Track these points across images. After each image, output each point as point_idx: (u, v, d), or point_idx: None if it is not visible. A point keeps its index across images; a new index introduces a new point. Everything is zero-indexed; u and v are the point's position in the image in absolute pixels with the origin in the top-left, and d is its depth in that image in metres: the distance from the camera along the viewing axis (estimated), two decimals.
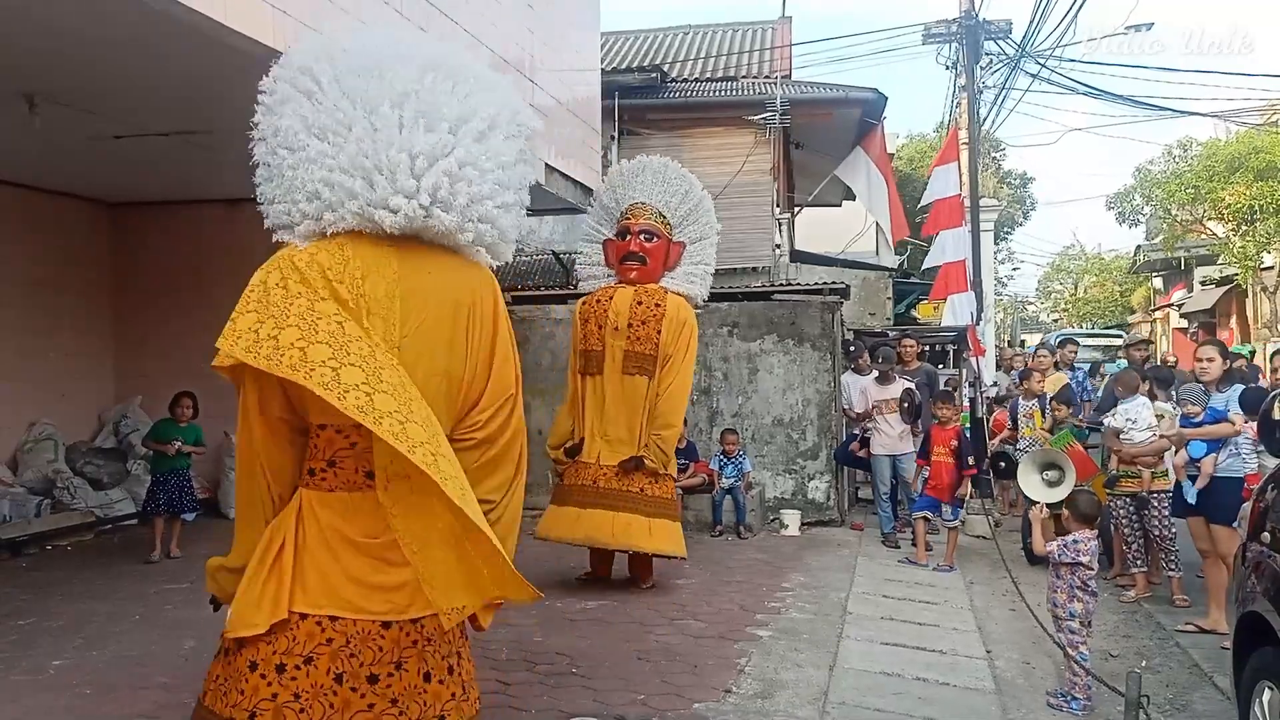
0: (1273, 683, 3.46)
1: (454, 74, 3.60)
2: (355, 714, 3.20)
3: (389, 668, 3.24)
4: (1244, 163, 20.89)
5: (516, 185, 3.71)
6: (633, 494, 6.87)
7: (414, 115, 3.47)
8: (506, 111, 3.70)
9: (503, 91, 3.75)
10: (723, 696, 4.84)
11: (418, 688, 3.29)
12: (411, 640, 3.28)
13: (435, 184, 3.42)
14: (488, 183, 3.53)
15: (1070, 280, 50.07)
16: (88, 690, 4.95)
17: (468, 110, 3.56)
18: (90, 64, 6.04)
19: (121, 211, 10.91)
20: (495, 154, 3.59)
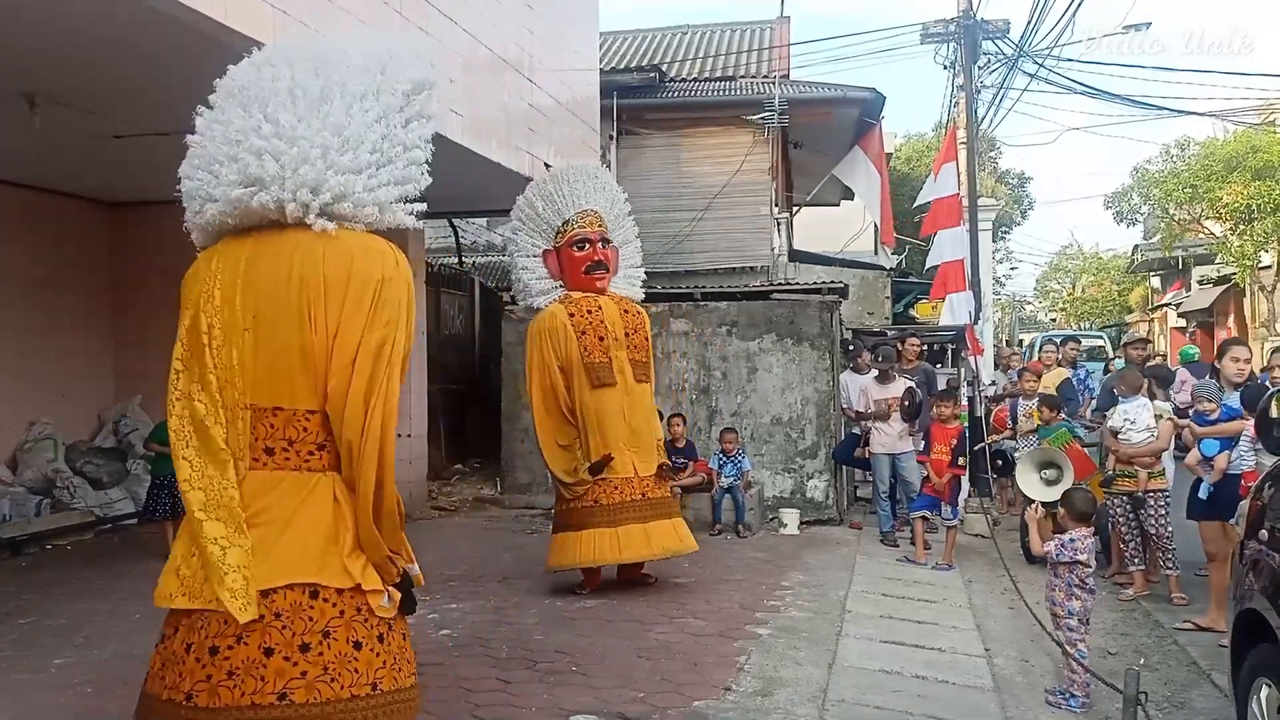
0: (1270, 680, 3.47)
1: (293, 60, 3.81)
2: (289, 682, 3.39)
3: (317, 637, 3.44)
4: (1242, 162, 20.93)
5: (374, 147, 3.73)
6: (656, 500, 6.92)
7: (238, 106, 3.75)
8: (363, 77, 3.80)
9: (367, 60, 3.86)
10: (722, 694, 4.85)
11: (348, 655, 3.46)
12: (338, 610, 3.47)
13: (244, 165, 3.62)
14: (307, 152, 3.59)
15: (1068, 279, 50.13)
16: (89, 689, 4.96)
17: (291, 87, 3.70)
18: (90, 64, 6.06)
19: (121, 211, 10.92)
20: (325, 123, 3.67)
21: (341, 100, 3.72)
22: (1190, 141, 24.65)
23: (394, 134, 3.82)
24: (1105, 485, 7.28)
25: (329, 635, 3.46)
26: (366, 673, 3.49)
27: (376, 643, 3.55)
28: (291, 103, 3.68)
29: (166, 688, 3.46)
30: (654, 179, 14.13)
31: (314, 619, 3.46)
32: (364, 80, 3.80)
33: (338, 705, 3.41)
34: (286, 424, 3.63)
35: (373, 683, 3.49)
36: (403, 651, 3.65)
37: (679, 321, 10.43)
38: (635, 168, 14.12)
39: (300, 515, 3.56)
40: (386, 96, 3.81)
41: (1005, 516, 10.25)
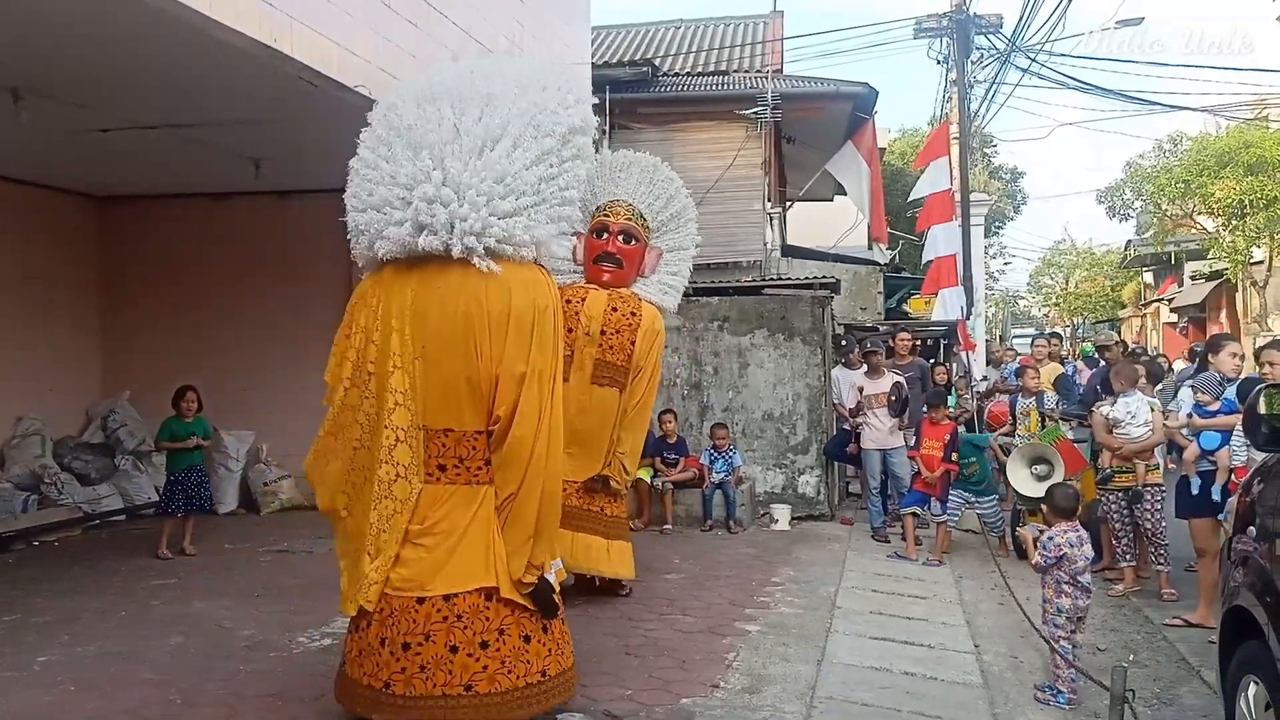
0: (1258, 676, 3.47)
1: (456, 98, 4.18)
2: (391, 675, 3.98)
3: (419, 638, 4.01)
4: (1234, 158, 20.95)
5: (532, 188, 4.13)
6: (593, 513, 6.51)
7: (404, 147, 4.14)
8: (520, 120, 4.18)
9: (523, 100, 4.21)
10: (710, 691, 4.84)
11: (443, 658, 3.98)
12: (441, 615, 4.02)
13: (415, 211, 4.03)
14: (474, 198, 4.00)
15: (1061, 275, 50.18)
16: (72, 686, 4.93)
17: (455, 131, 4.08)
18: (75, 57, 6.00)
19: (109, 205, 10.86)
20: (488, 168, 4.07)
21: (504, 144, 4.11)
22: (1183, 137, 24.66)
23: (551, 174, 4.21)
24: (1103, 483, 7.25)
25: (504, 632, 4.04)
26: (536, 662, 4.09)
27: (542, 634, 4.14)
28: (458, 148, 4.09)
29: (366, 674, 4.05)
30: None
31: (490, 619, 4.04)
32: (524, 121, 4.17)
33: (514, 694, 4.01)
34: (458, 443, 4.15)
35: (542, 670, 4.10)
36: (564, 636, 4.28)
37: (670, 316, 10.36)
38: None
39: (474, 525, 4.10)
40: (547, 139, 4.19)
41: None
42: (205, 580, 7.24)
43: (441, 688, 3.94)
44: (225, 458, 10.20)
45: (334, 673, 5.06)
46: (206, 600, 6.62)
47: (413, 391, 4.11)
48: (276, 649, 5.54)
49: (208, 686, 4.89)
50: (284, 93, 6.49)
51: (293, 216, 10.48)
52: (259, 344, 10.44)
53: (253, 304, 10.52)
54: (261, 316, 10.51)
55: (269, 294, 10.51)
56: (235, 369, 10.30)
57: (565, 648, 4.28)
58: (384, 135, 4.25)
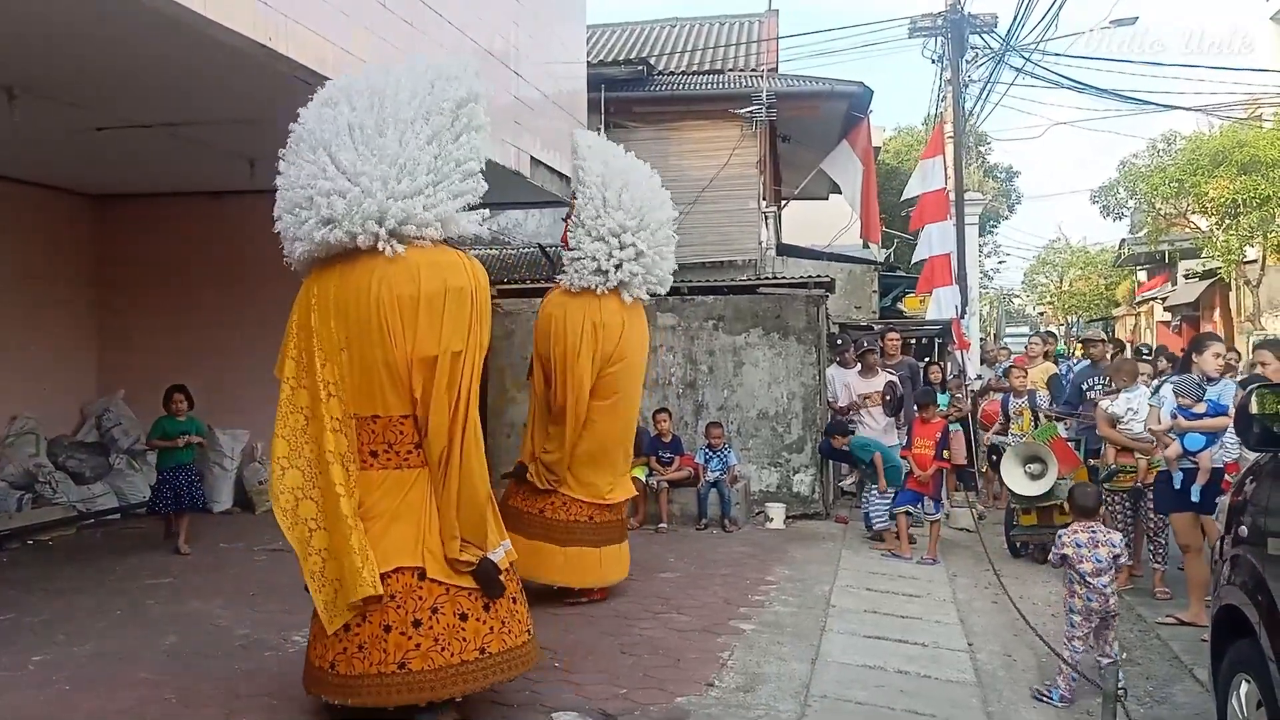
0: (1249, 675, 3.48)
1: (350, 95, 4.32)
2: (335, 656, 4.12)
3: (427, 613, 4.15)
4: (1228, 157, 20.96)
5: (429, 168, 4.20)
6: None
7: (308, 149, 4.34)
8: (411, 104, 4.25)
9: (411, 86, 4.30)
10: (705, 690, 4.85)
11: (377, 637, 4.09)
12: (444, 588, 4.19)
13: (317, 207, 4.17)
14: (368, 185, 4.10)
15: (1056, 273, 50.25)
16: (67, 686, 4.93)
17: (348, 124, 4.22)
18: (70, 56, 5.99)
19: (105, 204, 10.84)
20: (382, 155, 4.17)
21: (395, 130, 4.19)
22: (1177, 136, 24.68)
23: (446, 151, 4.27)
24: (1106, 481, 7.24)
25: (437, 610, 4.11)
26: (474, 639, 4.14)
27: (482, 611, 4.20)
28: (350, 140, 4.20)
29: (317, 656, 4.22)
30: None
31: (423, 597, 4.11)
32: (413, 105, 4.25)
33: (448, 670, 4.07)
34: (385, 429, 4.26)
35: (481, 646, 4.15)
36: (513, 615, 4.32)
37: (665, 315, 10.40)
38: None
39: (404, 508, 4.21)
40: (436, 117, 4.27)
41: (990, 510, 10.27)
42: (200, 579, 7.24)
43: (377, 666, 4.06)
44: (220, 456, 10.19)
45: None
46: (201, 599, 6.62)
47: (341, 381, 4.26)
48: (271, 648, 5.55)
49: (203, 685, 4.89)
50: (279, 92, 6.46)
51: None
52: (254, 343, 10.39)
53: (247, 303, 10.50)
54: (256, 315, 10.48)
55: (263, 293, 10.47)
56: (230, 368, 10.28)
57: (513, 625, 4.32)
58: (292, 143, 4.45)
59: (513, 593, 4.37)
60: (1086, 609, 4.97)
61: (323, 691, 4.24)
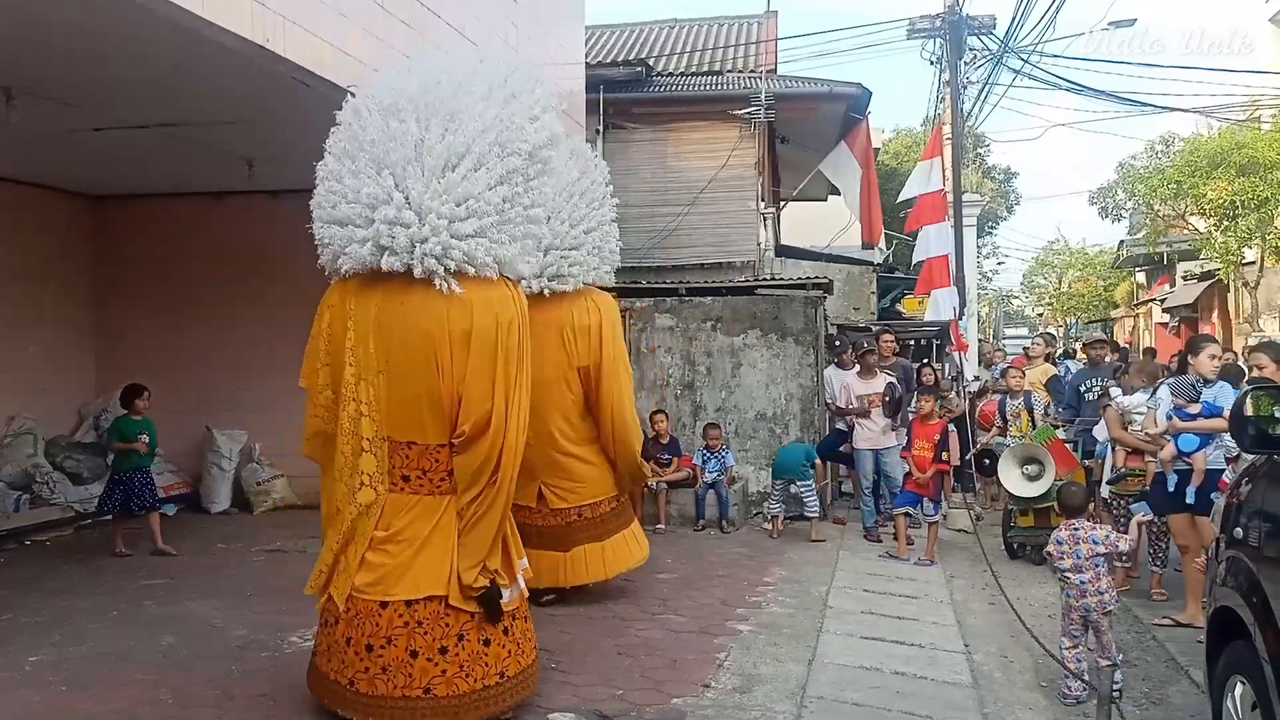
0: (1244, 677, 3.49)
1: (423, 111, 4.19)
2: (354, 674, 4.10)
3: (381, 641, 4.09)
4: (1226, 158, 20.96)
5: (496, 209, 4.17)
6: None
7: (367, 163, 4.16)
8: (486, 138, 4.19)
9: (490, 116, 4.22)
10: (701, 691, 4.85)
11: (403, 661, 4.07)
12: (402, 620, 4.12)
13: (376, 232, 4.08)
14: (435, 221, 4.06)
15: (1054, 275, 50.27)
16: (64, 686, 4.93)
17: (419, 150, 4.13)
18: (68, 56, 5.99)
19: (103, 205, 10.84)
20: (450, 190, 4.11)
21: (467, 163, 4.15)
22: (1175, 138, 24.68)
23: (516, 194, 4.27)
24: (1112, 483, 7.22)
25: (463, 638, 4.13)
26: (495, 664, 4.18)
27: (503, 636, 4.23)
28: (420, 168, 4.13)
29: (332, 669, 4.20)
30: (640, 174, 14.08)
31: (449, 624, 4.13)
32: (488, 140, 4.18)
33: (472, 696, 4.11)
34: (421, 456, 4.24)
35: (500, 671, 4.19)
36: (525, 634, 4.37)
37: (664, 317, 10.42)
38: (621, 162, 14.04)
39: (435, 535, 4.18)
40: (511, 158, 4.23)
41: (989, 512, 10.27)
42: (197, 580, 7.24)
43: (402, 689, 4.07)
44: (218, 457, 10.19)
45: None
46: (198, 600, 6.62)
47: (377, 403, 4.21)
48: (268, 649, 5.54)
49: (199, 686, 4.89)
50: (277, 93, 6.49)
51: (285, 216, 10.38)
52: (252, 343, 10.43)
53: (245, 303, 10.51)
54: (254, 316, 10.50)
55: (261, 293, 10.50)
56: (228, 368, 10.29)
57: (526, 645, 4.39)
58: (349, 147, 4.30)
59: (524, 611, 4.41)
60: (1067, 605, 5.04)
61: (340, 706, 4.21)
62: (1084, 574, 5.00)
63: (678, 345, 10.36)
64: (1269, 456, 3.70)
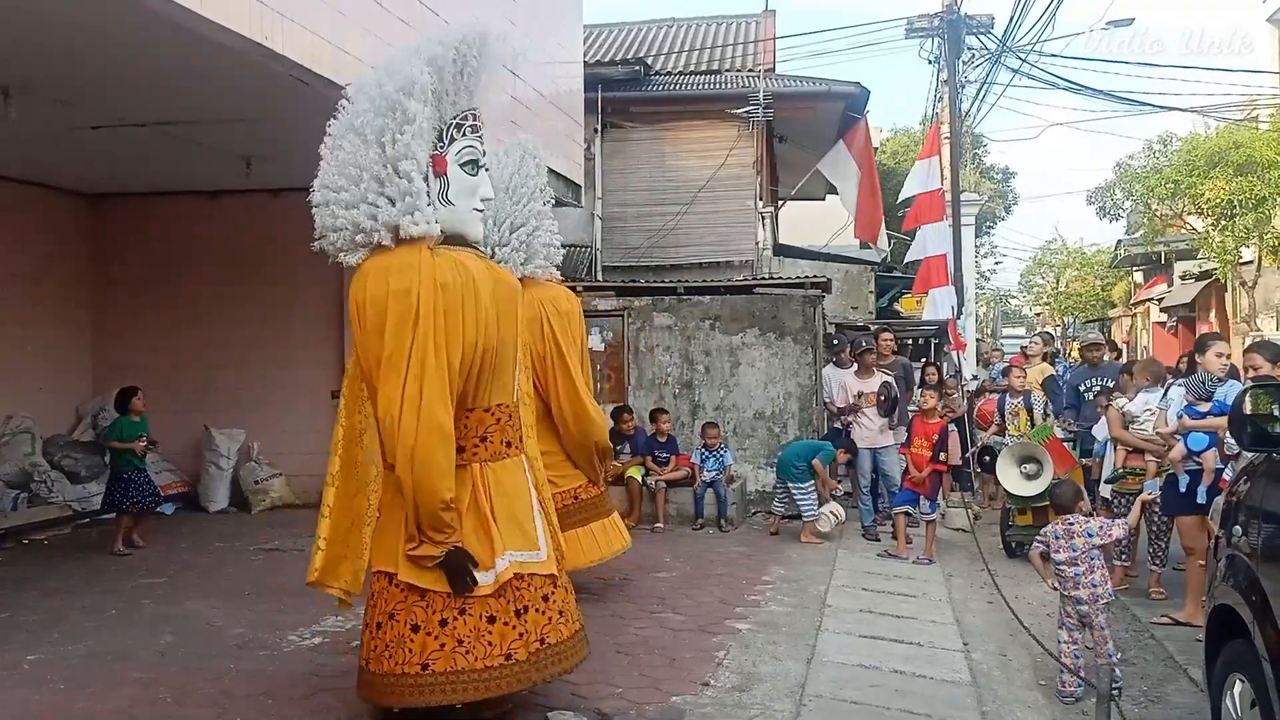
0: (1243, 675, 3.49)
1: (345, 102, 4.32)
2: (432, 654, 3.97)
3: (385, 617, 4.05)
4: (1224, 158, 20.95)
5: (371, 176, 4.15)
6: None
7: None
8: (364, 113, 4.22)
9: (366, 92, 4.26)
10: (700, 690, 4.85)
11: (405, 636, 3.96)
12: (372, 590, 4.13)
13: None
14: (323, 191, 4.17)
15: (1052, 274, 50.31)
16: (62, 685, 4.92)
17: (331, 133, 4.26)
18: (66, 54, 5.98)
19: (101, 203, 10.83)
20: (338, 161, 4.19)
21: (350, 136, 4.21)
22: (1173, 137, 24.68)
23: (385, 153, 4.18)
24: (1112, 482, 7.23)
25: (464, 612, 4.00)
26: (419, 652, 3.95)
27: (512, 616, 4.07)
28: (327, 148, 4.25)
29: (362, 656, 4.17)
30: (638, 173, 14.11)
31: (386, 601, 4.04)
32: (365, 107, 4.22)
33: (388, 678, 3.96)
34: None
35: (424, 662, 3.93)
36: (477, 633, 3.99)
37: (662, 316, 10.42)
38: (619, 161, 14.09)
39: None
40: (379, 119, 4.18)
41: (986, 511, 10.28)
42: (195, 579, 7.23)
43: (401, 665, 3.98)
44: (217, 456, 10.18)
45: (324, 670, 5.09)
46: (196, 599, 6.61)
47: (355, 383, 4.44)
48: (267, 648, 5.54)
49: (197, 685, 4.88)
50: (275, 91, 6.48)
51: (284, 215, 10.43)
52: (250, 342, 10.43)
53: (244, 302, 10.50)
54: (252, 315, 10.49)
55: (260, 292, 10.50)
56: (226, 367, 10.29)
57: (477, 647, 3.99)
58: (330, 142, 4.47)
59: (545, 592, 4.24)
60: (1062, 599, 5.05)
61: (359, 689, 4.18)
62: (1079, 567, 5.03)
63: (676, 344, 10.36)
64: (1268, 455, 3.70)
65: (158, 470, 10.27)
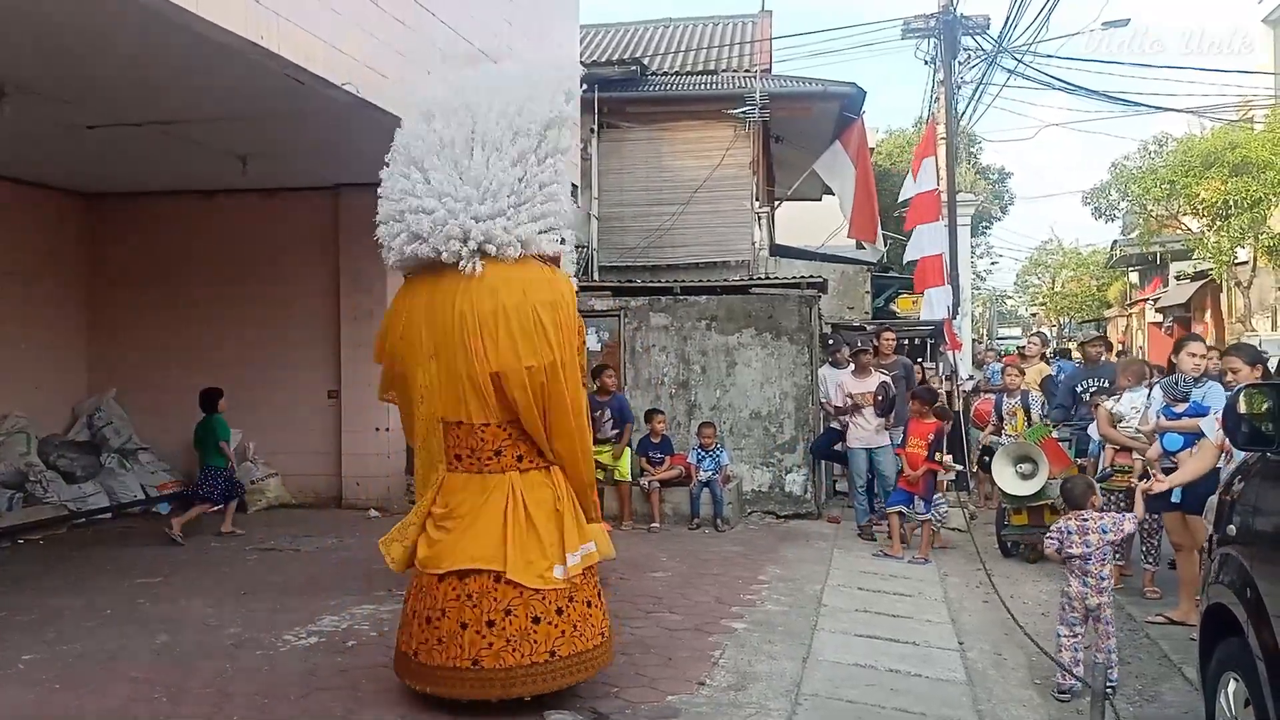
0: (1237, 674, 3.50)
1: (444, 112, 4.52)
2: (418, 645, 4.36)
3: (437, 613, 4.33)
4: (1219, 158, 21.01)
5: (510, 189, 4.42)
6: None
7: (404, 163, 4.52)
8: (500, 123, 4.46)
9: (500, 104, 4.50)
10: (696, 689, 4.85)
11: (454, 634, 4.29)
12: (455, 594, 4.32)
13: (408, 224, 4.43)
14: (454, 205, 4.33)
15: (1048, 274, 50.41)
16: (57, 685, 4.91)
17: (441, 141, 4.45)
18: (61, 53, 5.98)
19: (96, 202, 10.81)
20: (468, 175, 4.38)
21: (481, 152, 4.43)
22: (1168, 138, 24.74)
23: (531, 173, 4.49)
24: (1100, 481, 7.25)
25: (510, 613, 4.29)
26: (545, 642, 4.31)
27: (555, 616, 4.35)
28: (439, 159, 4.45)
29: (404, 643, 4.48)
30: (635, 173, 14.11)
31: (497, 599, 4.30)
32: (501, 126, 4.47)
33: (518, 670, 4.27)
34: (468, 435, 4.49)
35: (551, 650, 4.32)
36: (585, 619, 4.46)
37: (658, 316, 10.42)
38: (616, 162, 14.09)
39: (485, 511, 4.41)
40: (523, 140, 4.48)
41: (982, 511, 10.29)
42: (191, 578, 7.22)
43: (453, 660, 4.28)
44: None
45: (320, 671, 5.10)
46: (192, 598, 6.60)
47: (430, 387, 4.52)
48: (263, 647, 5.53)
49: (193, 685, 4.88)
50: (271, 90, 6.48)
51: (280, 214, 10.47)
52: (245, 342, 10.41)
53: (239, 301, 10.49)
54: (248, 314, 10.48)
55: (255, 291, 10.49)
56: (221, 366, 10.26)
57: (588, 630, 4.48)
58: (394, 157, 4.66)
59: (587, 596, 4.53)
60: (1068, 595, 5.05)
61: (405, 676, 4.49)
62: (1092, 562, 5.02)
63: (672, 344, 10.36)
64: (1262, 454, 3.71)
65: (153, 470, 10.28)
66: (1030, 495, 7.78)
